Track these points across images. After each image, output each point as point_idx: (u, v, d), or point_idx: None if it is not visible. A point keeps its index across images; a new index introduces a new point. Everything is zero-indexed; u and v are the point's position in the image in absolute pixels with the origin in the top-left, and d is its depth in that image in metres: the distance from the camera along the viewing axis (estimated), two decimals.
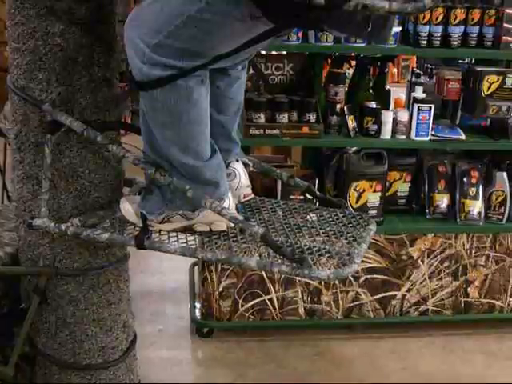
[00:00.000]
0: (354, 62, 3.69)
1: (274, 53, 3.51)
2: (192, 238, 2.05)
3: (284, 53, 3.50)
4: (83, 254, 2.26)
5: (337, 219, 2.24)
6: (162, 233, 2.05)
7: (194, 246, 1.99)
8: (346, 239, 2.08)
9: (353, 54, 3.61)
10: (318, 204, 2.50)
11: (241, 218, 1.92)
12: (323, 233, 2.12)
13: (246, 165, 2.25)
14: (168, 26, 1.76)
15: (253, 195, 2.29)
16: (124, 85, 2.65)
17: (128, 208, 2.09)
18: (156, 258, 4.11)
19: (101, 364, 2.40)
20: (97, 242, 2.12)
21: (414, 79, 3.56)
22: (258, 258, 1.91)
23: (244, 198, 2.25)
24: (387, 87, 3.65)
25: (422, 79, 3.60)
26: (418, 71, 3.66)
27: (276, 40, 2.10)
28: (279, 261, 1.86)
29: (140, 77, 1.82)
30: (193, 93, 1.83)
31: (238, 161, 2.22)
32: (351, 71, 3.72)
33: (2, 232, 2.56)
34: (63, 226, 2.07)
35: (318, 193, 2.41)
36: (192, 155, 1.91)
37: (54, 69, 2.06)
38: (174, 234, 2.06)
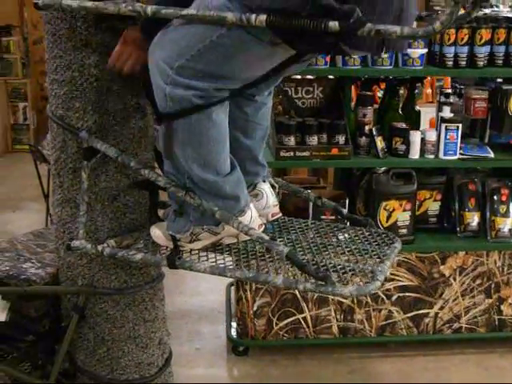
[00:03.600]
0: (383, 84, 3.75)
1: (304, 77, 3.59)
2: (221, 257, 2.13)
3: (314, 77, 3.58)
4: (119, 273, 2.36)
5: (363, 238, 2.31)
6: (192, 252, 2.14)
7: (223, 265, 2.07)
8: (371, 257, 2.14)
9: (382, 77, 3.67)
10: (348, 223, 2.56)
11: (267, 237, 1.99)
12: (349, 251, 2.19)
13: (272, 186, 2.33)
14: (190, 50, 1.85)
15: (280, 214, 2.36)
16: None
17: (158, 233, 2.18)
18: (194, 279, 4.21)
19: (137, 380, 2.48)
20: (131, 262, 2.22)
21: (442, 99, 3.60)
22: (285, 276, 1.98)
23: (272, 216, 2.33)
24: (417, 108, 3.70)
25: (452, 99, 3.64)
26: (446, 91, 3.69)
27: (302, 66, 2.18)
28: (304, 279, 1.93)
29: (163, 102, 1.92)
30: (212, 113, 1.92)
31: (264, 181, 2.30)
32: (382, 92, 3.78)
33: (43, 253, 2.67)
34: (100, 247, 2.17)
35: (344, 212, 2.48)
36: (212, 171, 1.99)
37: (90, 98, 2.18)
38: (205, 253, 2.14)
